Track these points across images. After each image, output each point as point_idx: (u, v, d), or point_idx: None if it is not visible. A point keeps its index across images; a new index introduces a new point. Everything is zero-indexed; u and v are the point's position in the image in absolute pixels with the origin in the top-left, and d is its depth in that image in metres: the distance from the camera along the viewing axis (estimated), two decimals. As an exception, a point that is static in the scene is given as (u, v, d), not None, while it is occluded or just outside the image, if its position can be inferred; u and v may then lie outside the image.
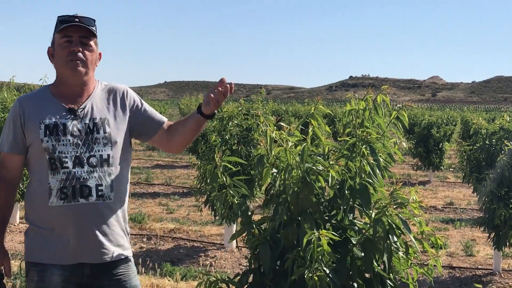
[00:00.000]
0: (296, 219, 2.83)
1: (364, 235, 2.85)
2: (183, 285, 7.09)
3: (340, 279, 2.76)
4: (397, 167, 20.57)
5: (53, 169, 3.19)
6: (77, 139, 3.24)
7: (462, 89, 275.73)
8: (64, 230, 3.19)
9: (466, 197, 14.98)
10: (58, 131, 3.22)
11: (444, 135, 18.40)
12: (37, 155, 3.23)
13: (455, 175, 19.07)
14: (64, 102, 3.29)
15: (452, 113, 26.89)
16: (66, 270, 3.21)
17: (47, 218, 3.20)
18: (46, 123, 3.22)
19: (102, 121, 3.31)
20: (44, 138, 3.20)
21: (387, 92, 2.97)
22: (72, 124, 3.25)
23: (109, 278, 3.29)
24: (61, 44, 3.27)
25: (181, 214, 11.85)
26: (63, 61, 3.27)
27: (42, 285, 3.21)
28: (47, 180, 3.20)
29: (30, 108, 3.28)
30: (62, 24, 3.27)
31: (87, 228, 3.21)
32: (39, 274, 3.21)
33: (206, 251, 9.14)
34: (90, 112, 3.30)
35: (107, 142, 3.29)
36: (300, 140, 2.97)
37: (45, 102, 3.31)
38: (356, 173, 2.84)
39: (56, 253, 3.20)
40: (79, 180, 3.19)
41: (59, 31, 3.27)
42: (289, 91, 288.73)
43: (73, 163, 3.20)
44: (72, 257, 3.21)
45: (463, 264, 8.89)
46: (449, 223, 11.84)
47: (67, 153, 3.21)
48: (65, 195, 3.18)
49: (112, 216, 3.29)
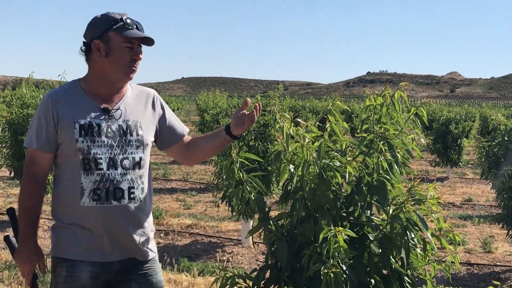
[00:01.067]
0: (313, 215, 2.83)
1: (382, 231, 2.84)
2: (200, 281, 7.11)
3: (357, 275, 2.75)
4: (415, 163, 20.48)
5: (86, 170, 3.18)
6: (111, 141, 3.23)
7: (481, 85, 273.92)
8: (95, 229, 3.20)
9: (484, 194, 14.90)
10: (93, 132, 3.20)
11: (463, 131, 18.29)
12: (70, 154, 3.21)
13: (474, 172, 18.96)
14: (97, 101, 3.27)
15: (471, 109, 26.70)
16: (96, 266, 3.22)
17: (78, 217, 3.20)
18: (81, 122, 3.19)
19: (135, 124, 3.32)
20: (79, 138, 3.17)
21: (405, 88, 2.95)
22: (107, 125, 3.24)
23: (136, 273, 3.33)
24: (122, 48, 3.23)
25: (198, 210, 11.88)
26: (121, 65, 3.24)
27: (71, 280, 3.21)
28: (79, 180, 3.18)
29: (63, 105, 3.22)
30: (125, 28, 3.23)
31: (118, 229, 3.23)
32: (68, 269, 3.21)
33: (223, 246, 9.16)
34: (124, 113, 3.30)
35: (139, 145, 3.31)
36: (317, 136, 2.97)
37: (77, 100, 3.26)
38: (373, 169, 2.83)
39: (86, 250, 3.21)
40: (113, 182, 3.20)
41: (125, 34, 3.22)
42: (307, 87, 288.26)
43: (107, 164, 3.20)
44: (103, 255, 3.23)
45: (481, 260, 8.84)
46: (467, 219, 11.78)
47: (101, 155, 3.20)
48: (98, 196, 3.18)
49: (142, 217, 3.32)
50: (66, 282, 3.21)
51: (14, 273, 7.03)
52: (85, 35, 3.32)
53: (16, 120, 9.76)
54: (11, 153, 9.91)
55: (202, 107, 20.34)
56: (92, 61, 3.29)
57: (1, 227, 9.86)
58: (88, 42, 3.29)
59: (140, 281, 3.33)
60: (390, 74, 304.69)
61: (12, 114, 9.89)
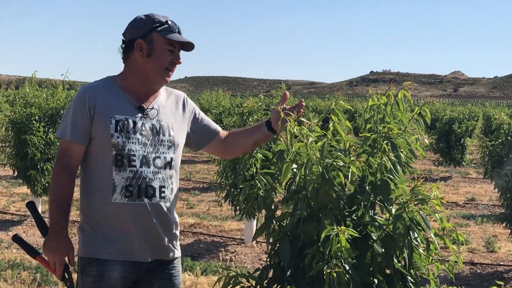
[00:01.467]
0: (316, 215, 2.83)
1: (385, 231, 2.83)
2: (203, 280, 7.11)
3: (360, 275, 2.75)
4: (418, 163, 20.46)
5: (119, 166, 3.20)
6: (145, 139, 3.26)
7: (484, 84, 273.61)
8: (126, 227, 3.21)
9: (487, 193, 14.89)
10: (129, 129, 3.23)
11: (466, 130, 18.28)
12: (103, 149, 3.22)
13: (477, 171, 18.95)
14: (133, 99, 3.30)
15: (474, 108, 26.74)
16: (126, 266, 3.23)
17: (108, 214, 3.21)
18: (117, 118, 3.22)
19: (168, 125, 3.36)
20: (115, 134, 3.20)
21: (409, 88, 2.95)
22: (141, 123, 3.27)
23: (162, 273, 3.36)
24: (164, 50, 3.29)
25: (201, 209, 11.89)
26: (161, 67, 3.30)
27: (101, 279, 3.20)
28: (110, 176, 3.20)
29: (100, 100, 3.24)
30: (169, 31, 3.29)
31: (149, 227, 3.25)
32: (99, 269, 3.20)
33: (226, 246, 9.16)
34: (157, 113, 3.33)
35: (171, 146, 3.35)
36: (320, 135, 2.96)
37: (114, 95, 3.29)
38: (377, 169, 2.83)
39: (117, 249, 3.21)
40: (145, 180, 3.22)
41: (168, 37, 3.28)
42: (310, 86, 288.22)
43: (140, 162, 3.23)
44: (134, 255, 3.24)
45: (485, 260, 8.84)
46: (471, 219, 11.78)
47: (135, 152, 3.22)
48: (130, 193, 3.20)
49: (170, 217, 3.35)
50: (96, 281, 3.20)
51: (17, 272, 7.04)
52: (126, 34, 3.36)
53: (19, 119, 9.78)
54: (15, 152, 9.93)
55: (205, 106, 20.36)
56: (132, 60, 3.34)
57: (5, 226, 9.87)
58: (129, 41, 3.33)
59: (164, 281, 3.36)
60: (393, 74, 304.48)
61: (15, 113, 9.91)
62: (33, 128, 9.64)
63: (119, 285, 3.22)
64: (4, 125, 10.36)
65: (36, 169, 9.74)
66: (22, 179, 10.18)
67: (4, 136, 10.24)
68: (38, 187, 9.81)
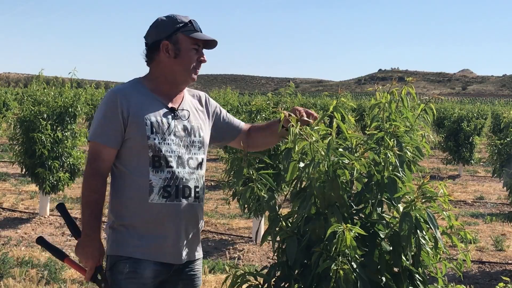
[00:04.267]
0: (323, 213, 2.82)
1: (392, 229, 2.83)
2: (211, 278, 7.12)
3: (368, 273, 2.74)
4: (427, 161, 20.42)
5: (156, 167, 3.20)
6: (179, 140, 3.28)
7: (493, 82, 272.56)
8: (161, 228, 3.22)
9: (496, 192, 14.85)
10: (163, 130, 3.24)
11: (475, 129, 18.25)
12: (138, 151, 3.22)
13: (485, 169, 18.91)
14: (162, 99, 3.32)
15: (483, 107, 26.63)
16: (158, 266, 3.24)
17: (145, 214, 3.21)
18: (152, 120, 3.23)
19: (197, 125, 3.39)
20: (151, 136, 3.20)
21: (412, 83, 2.93)
22: (174, 124, 3.29)
23: (186, 274, 3.37)
24: (190, 50, 3.31)
25: (209, 207, 11.89)
26: (188, 67, 3.32)
27: (134, 276, 3.20)
28: (147, 177, 3.20)
29: (132, 102, 3.24)
30: (192, 30, 3.31)
31: (185, 228, 3.28)
32: (132, 266, 3.20)
33: (234, 244, 9.17)
34: (187, 114, 3.36)
35: (201, 146, 3.39)
36: (326, 133, 2.96)
37: (145, 97, 3.29)
38: (384, 167, 2.82)
39: (151, 249, 3.21)
40: (182, 180, 3.24)
41: (192, 36, 3.30)
42: (318, 84, 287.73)
43: (176, 163, 3.24)
44: (166, 256, 3.25)
45: (493, 259, 8.82)
46: (479, 217, 11.75)
47: (171, 152, 3.24)
48: (168, 193, 3.21)
49: (201, 217, 3.40)
50: (129, 278, 3.20)
51: (25, 270, 7.06)
52: (149, 36, 3.36)
53: (27, 117, 9.81)
54: (23, 150, 9.96)
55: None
56: (158, 61, 3.34)
57: (14, 224, 9.90)
58: (153, 43, 3.33)
59: (187, 282, 3.38)
60: (402, 72, 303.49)
61: (23, 112, 9.94)
62: (41, 126, 9.67)
63: (149, 284, 3.22)
64: (13, 123, 10.39)
65: (44, 167, 9.77)
66: (30, 177, 10.22)
67: (13, 134, 10.28)
68: (46, 185, 9.83)
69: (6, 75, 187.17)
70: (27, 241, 8.82)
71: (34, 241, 8.71)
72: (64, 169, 10.10)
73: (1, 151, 19.87)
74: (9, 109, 25.54)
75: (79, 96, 10.25)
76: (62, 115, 10.05)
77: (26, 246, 8.49)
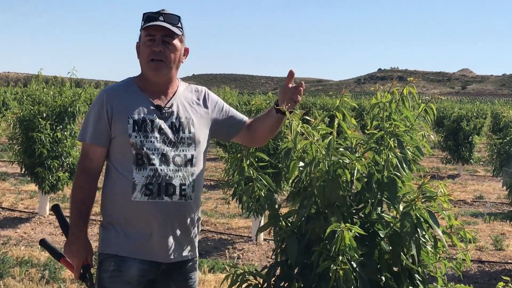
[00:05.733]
0: (323, 213, 2.82)
1: (392, 229, 2.83)
2: (210, 277, 7.12)
3: (368, 273, 2.74)
4: (426, 161, 20.43)
5: (139, 165, 3.20)
6: (164, 137, 3.26)
7: (493, 82, 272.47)
8: (145, 226, 3.21)
9: (496, 191, 14.85)
10: (146, 127, 3.23)
11: (474, 128, 18.24)
12: (122, 149, 3.24)
13: (485, 169, 18.90)
14: (151, 98, 3.31)
15: (482, 106, 26.62)
16: (144, 264, 3.23)
17: (129, 212, 3.21)
18: (135, 118, 3.23)
19: (188, 121, 3.35)
20: (133, 134, 3.21)
21: (414, 83, 2.93)
22: (159, 121, 3.27)
23: (179, 274, 3.35)
24: (144, 43, 3.30)
25: (208, 207, 11.88)
26: (145, 60, 3.30)
27: (118, 274, 3.20)
28: (131, 175, 3.20)
29: (117, 100, 3.27)
30: (146, 22, 3.28)
31: (168, 226, 3.25)
32: (117, 264, 3.20)
33: (233, 243, 9.17)
34: (176, 111, 3.33)
35: (191, 143, 3.34)
36: (327, 133, 2.96)
37: (132, 96, 3.31)
38: (383, 166, 2.82)
39: (136, 247, 3.21)
40: (165, 178, 3.22)
41: (144, 28, 3.29)
42: (317, 83, 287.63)
43: (160, 160, 3.22)
44: (152, 254, 3.23)
45: (493, 258, 8.82)
46: (479, 217, 11.74)
47: (154, 150, 3.22)
48: (150, 191, 3.20)
49: (191, 215, 3.35)
50: (113, 276, 3.21)
51: (25, 270, 7.06)
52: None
53: (27, 117, 9.80)
54: (22, 149, 9.95)
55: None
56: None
57: (13, 223, 9.90)
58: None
59: (180, 283, 3.36)
60: (401, 71, 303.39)
61: (23, 111, 9.93)
62: (40, 126, 9.66)
63: (135, 283, 3.21)
64: (12, 123, 10.39)
65: (43, 166, 9.76)
66: (30, 177, 10.22)
67: (12, 134, 10.27)
68: (46, 185, 9.83)
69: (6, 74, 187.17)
70: (26, 241, 8.81)
71: (33, 241, 8.73)
72: (63, 169, 10.09)
73: (1, 151, 19.86)
74: (8, 109, 25.54)
75: (79, 95, 10.24)
76: (61, 115, 10.04)
77: (25, 245, 8.49)
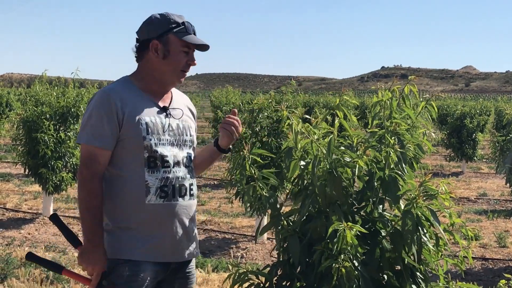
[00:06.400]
0: (324, 211, 2.82)
1: (394, 227, 2.83)
2: (214, 277, 7.12)
3: (370, 271, 2.75)
4: (430, 158, 20.41)
5: (151, 167, 3.17)
6: (173, 139, 3.26)
7: (496, 79, 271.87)
8: (160, 228, 3.19)
9: (499, 188, 14.83)
10: (158, 130, 3.21)
11: (478, 125, 18.21)
12: (133, 151, 3.17)
13: (489, 166, 18.88)
14: (153, 99, 3.28)
15: (486, 103, 26.51)
16: (157, 266, 3.21)
17: (143, 215, 3.16)
18: (147, 120, 3.18)
19: (188, 124, 3.38)
20: (147, 136, 3.17)
21: (414, 82, 2.93)
22: (168, 123, 3.26)
23: (182, 273, 3.37)
24: (180, 52, 3.24)
25: (212, 206, 11.90)
26: (176, 68, 3.26)
27: (134, 279, 3.14)
28: (143, 178, 3.16)
29: (125, 102, 3.18)
30: (184, 31, 3.25)
31: (183, 226, 3.27)
32: (131, 269, 3.14)
33: (237, 242, 9.17)
34: (180, 113, 3.35)
35: (191, 145, 3.39)
36: (327, 132, 2.96)
37: (137, 97, 3.24)
38: (385, 165, 2.82)
39: (150, 250, 3.18)
40: (178, 180, 3.24)
41: (183, 38, 3.23)
42: (321, 82, 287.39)
43: (173, 162, 3.22)
44: (165, 256, 3.22)
45: (496, 255, 8.81)
46: (482, 214, 11.73)
47: (167, 152, 3.21)
48: (166, 193, 3.19)
49: (195, 214, 3.40)
50: (129, 281, 3.14)
51: (29, 270, 7.07)
52: (141, 33, 3.30)
53: (30, 118, 9.82)
54: (26, 150, 9.97)
55: (216, 104, 20.34)
56: (147, 60, 3.29)
57: (17, 224, 9.92)
58: (143, 40, 3.28)
59: (182, 281, 3.37)
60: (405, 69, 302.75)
61: (26, 112, 9.95)
62: (44, 127, 9.68)
63: (149, 285, 3.19)
64: (16, 124, 10.41)
65: (47, 167, 9.77)
66: (33, 177, 10.24)
67: (16, 135, 10.29)
68: (50, 185, 9.84)
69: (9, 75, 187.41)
70: (30, 242, 8.83)
71: (37, 242, 8.75)
72: (67, 169, 10.11)
73: (4, 152, 19.89)
74: (12, 110, 25.55)
75: (82, 96, 10.25)
76: (64, 115, 10.05)
77: (29, 246, 8.51)
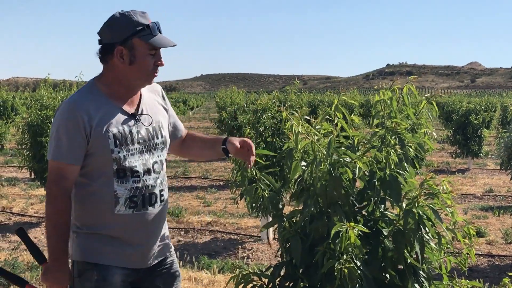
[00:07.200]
0: (326, 212, 2.83)
1: (396, 226, 2.83)
2: (220, 278, 7.13)
3: (372, 271, 2.75)
4: (436, 155, 20.37)
5: (121, 177, 3.07)
6: (142, 146, 3.14)
7: (502, 74, 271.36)
8: (129, 237, 3.15)
9: (506, 184, 14.78)
10: (127, 140, 3.08)
11: (483, 121, 18.15)
12: (102, 163, 3.07)
13: (495, 162, 18.82)
14: (121, 105, 3.13)
15: (492, 99, 26.45)
16: (126, 270, 3.18)
17: (111, 225, 3.11)
18: (114, 132, 3.05)
19: (158, 125, 3.26)
20: (115, 149, 3.05)
21: (414, 82, 2.93)
22: (136, 131, 3.13)
23: (160, 270, 3.34)
24: (147, 55, 3.07)
25: (218, 207, 11.90)
26: (146, 72, 3.10)
27: (103, 283, 3.10)
28: (112, 188, 3.07)
29: (91, 113, 3.03)
30: (150, 34, 3.07)
31: (153, 234, 3.23)
32: (100, 273, 3.10)
33: (243, 243, 9.17)
34: (148, 116, 3.21)
35: (163, 147, 3.28)
36: (328, 132, 2.96)
37: (103, 105, 3.09)
38: (386, 164, 2.82)
39: (120, 256, 3.14)
40: (148, 188, 3.15)
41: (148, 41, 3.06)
42: (326, 80, 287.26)
43: (143, 171, 3.13)
44: (134, 262, 3.20)
45: (503, 252, 8.78)
46: (489, 210, 11.70)
47: (136, 162, 3.11)
48: (135, 203, 3.12)
49: (165, 217, 3.34)
50: (98, 286, 3.10)
51: (35, 274, 7.09)
52: (104, 36, 3.11)
53: (35, 122, 9.84)
54: (31, 154, 10.00)
55: (221, 104, 20.35)
56: (112, 66, 3.11)
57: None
58: (107, 45, 3.10)
59: (164, 275, 3.35)
60: (410, 66, 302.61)
61: (31, 116, 9.98)
62: (49, 131, 9.70)
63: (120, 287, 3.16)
64: (21, 128, 10.44)
65: (52, 171, 9.79)
66: (39, 181, 10.27)
67: (21, 139, 10.32)
68: (55, 189, 9.87)
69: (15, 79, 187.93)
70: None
71: (44, 246, 8.76)
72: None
73: (10, 156, 19.94)
74: (17, 114, 25.61)
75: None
76: (69, 119, 10.07)
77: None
